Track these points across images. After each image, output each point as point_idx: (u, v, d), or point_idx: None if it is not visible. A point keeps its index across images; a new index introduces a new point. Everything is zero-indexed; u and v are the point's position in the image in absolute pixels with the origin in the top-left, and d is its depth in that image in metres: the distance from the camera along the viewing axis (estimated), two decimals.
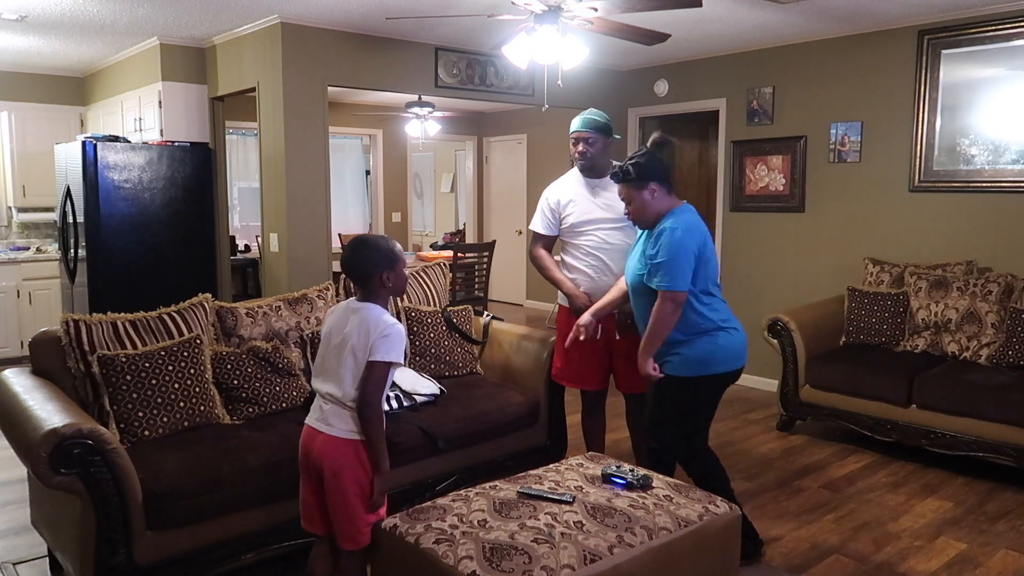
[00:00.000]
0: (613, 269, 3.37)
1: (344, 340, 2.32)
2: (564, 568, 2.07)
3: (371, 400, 2.29)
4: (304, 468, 2.43)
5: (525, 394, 3.69)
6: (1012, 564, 3.11)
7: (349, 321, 2.34)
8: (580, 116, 3.41)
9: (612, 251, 3.38)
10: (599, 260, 3.40)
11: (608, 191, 3.37)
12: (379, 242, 2.41)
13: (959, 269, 4.61)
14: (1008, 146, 4.58)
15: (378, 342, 2.28)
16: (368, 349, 2.28)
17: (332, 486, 2.33)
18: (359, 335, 2.30)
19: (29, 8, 4.61)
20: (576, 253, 3.47)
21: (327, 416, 2.35)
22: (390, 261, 2.38)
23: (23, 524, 3.26)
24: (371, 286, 2.38)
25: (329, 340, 2.39)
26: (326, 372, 2.38)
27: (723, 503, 2.53)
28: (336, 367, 2.33)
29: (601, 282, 3.39)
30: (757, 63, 5.73)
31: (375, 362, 2.28)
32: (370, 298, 2.38)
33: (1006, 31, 4.53)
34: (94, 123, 6.75)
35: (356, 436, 2.32)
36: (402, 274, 2.42)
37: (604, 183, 3.39)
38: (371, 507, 2.35)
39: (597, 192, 3.42)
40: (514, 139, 9.79)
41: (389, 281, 2.38)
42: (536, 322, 8.14)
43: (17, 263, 6.42)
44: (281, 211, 5.02)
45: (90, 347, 2.94)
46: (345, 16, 4.74)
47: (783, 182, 5.64)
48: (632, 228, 3.34)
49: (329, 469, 2.32)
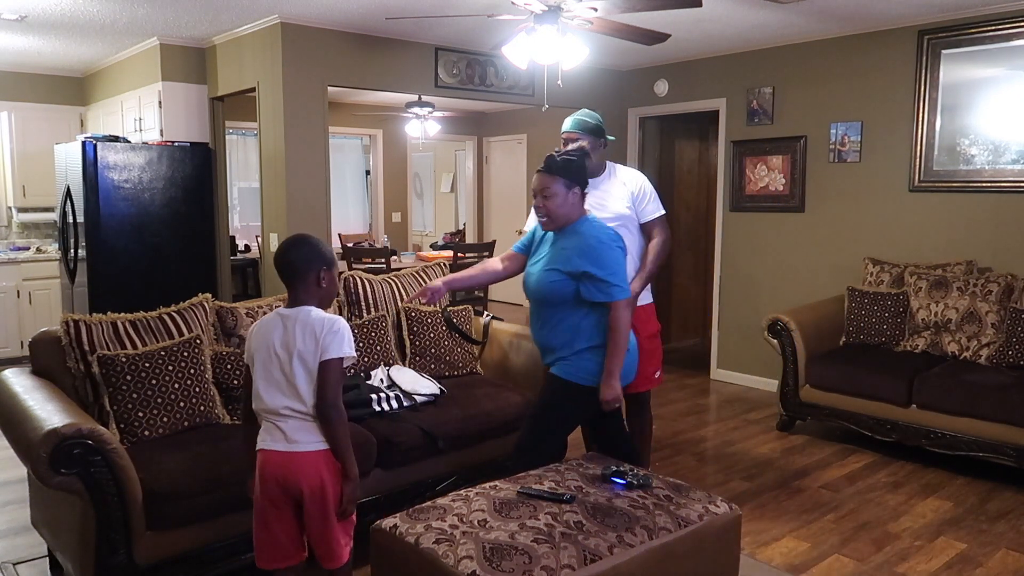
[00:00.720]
0: None
1: (287, 350, 2.20)
2: (564, 568, 2.07)
3: (332, 401, 2.19)
4: (273, 500, 2.25)
5: (525, 394, 3.69)
6: (1012, 564, 3.11)
7: (286, 329, 2.23)
8: (571, 117, 3.40)
9: None
10: None
11: (599, 191, 3.37)
12: (318, 241, 2.33)
13: (959, 269, 4.61)
14: (1008, 146, 4.58)
15: (327, 339, 2.19)
16: (318, 351, 2.19)
17: (315, 506, 2.22)
18: (304, 339, 2.20)
19: (29, 8, 4.61)
20: None
21: (291, 433, 2.21)
22: (327, 261, 2.28)
23: (23, 524, 3.26)
24: (305, 285, 2.26)
25: (269, 354, 2.23)
26: (274, 388, 2.22)
27: (723, 503, 2.53)
28: (288, 379, 2.20)
29: None
30: (757, 63, 5.73)
31: (328, 361, 2.19)
32: (302, 300, 2.26)
33: (1006, 31, 4.53)
34: (94, 123, 6.75)
35: (326, 445, 2.23)
36: (335, 279, 2.32)
37: (596, 183, 3.38)
38: (342, 515, 2.26)
39: (589, 192, 3.37)
40: (514, 139, 9.79)
41: (324, 282, 2.27)
42: None
43: (17, 263, 6.42)
44: (281, 211, 5.02)
45: (90, 347, 2.94)
46: (345, 16, 4.74)
47: (783, 182, 5.64)
48: (626, 227, 3.35)
49: (310, 488, 2.20)
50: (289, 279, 2.28)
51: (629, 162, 6.59)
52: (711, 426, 5.03)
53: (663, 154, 6.98)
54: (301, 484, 2.20)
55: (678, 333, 7.21)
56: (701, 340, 7.22)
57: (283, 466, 2.22)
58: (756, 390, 5.69)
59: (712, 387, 5.89)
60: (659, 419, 4.89)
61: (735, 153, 5.92)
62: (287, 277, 2.29)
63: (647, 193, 3.42)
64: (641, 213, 3.40)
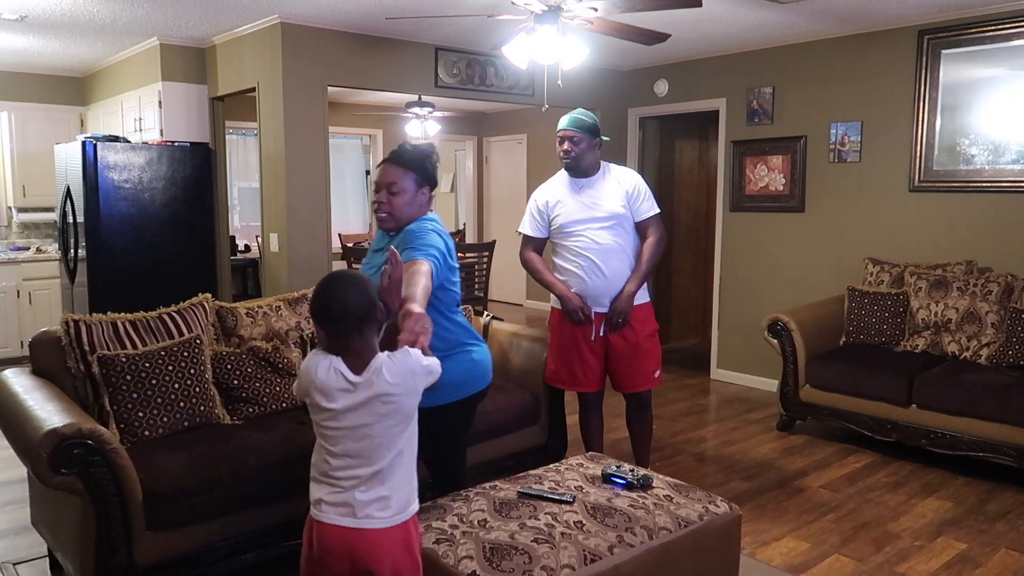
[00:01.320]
0: (603, 269, 3.36)
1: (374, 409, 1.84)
2: (564, 568, 2.07)
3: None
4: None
5: (525, 394, 3.69)
6: (1012, 564, 3.11)
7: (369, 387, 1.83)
8: (567, 115, 3.40)
9: (601, 251, 3.36)
10: (589, 260, 3.37)
11: (594, 190, 3.37)
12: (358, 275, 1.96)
13: (959, 269, 4.61)
14: (1008, 146, 4.58)
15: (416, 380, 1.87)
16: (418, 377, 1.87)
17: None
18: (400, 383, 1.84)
19: (29, 8, 4.61)
20: (566, 255, 3.45)
21: (368, 508, 1.85)
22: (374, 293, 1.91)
23: (23, 524, 3.26)
24: (371, 329, 1.87)
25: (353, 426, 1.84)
26: (360, 460, 1.85)
27: (723, 503, 2.53)
28: (374, 447, 1.85)
29: (593, 283, 3.38)
30: (757, 63, 5.73)
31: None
32: (368, 351, 1.86)
33: (1006, 31, 4.53)
34: (94, 123, 6.75)
35: (405, 516, 1.90)
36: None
37: (590, 182, 3.40)
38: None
39: (584, 192, 3.42)
40: (514, 139, 9.79)
41: (382, 315, 1.91)
42: (536, 322, 8.14)
43: (17, 263, 6.42)
44: (281, 211, 5.02)
45: (90, 347, 2.94)
46: (345, 16, 4.74)
47: (783, 182, 5.64)
48: (621, 226, 3.36)
49: (392, 570, 1.87)
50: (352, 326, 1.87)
51: (629, 162, 6.59)
52: (711, 426, 5.03)
53: (663, 154, 6.98)
54: (374, 569, 1.86)
55: (678, 333, 7.21)
56: (701, 340, 7.22)
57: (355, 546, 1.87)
58: (756, 390, 5.68)
59: (712, 387, 5.89)
60: (659, 419, 4.89)
61: (735, 153, 5.92)
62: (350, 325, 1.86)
63: (641, 192, 3.43)
64: (636, 212, 3.42)
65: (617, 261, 3.37)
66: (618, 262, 3.37)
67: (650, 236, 3.42)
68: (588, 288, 3.39)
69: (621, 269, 3.38)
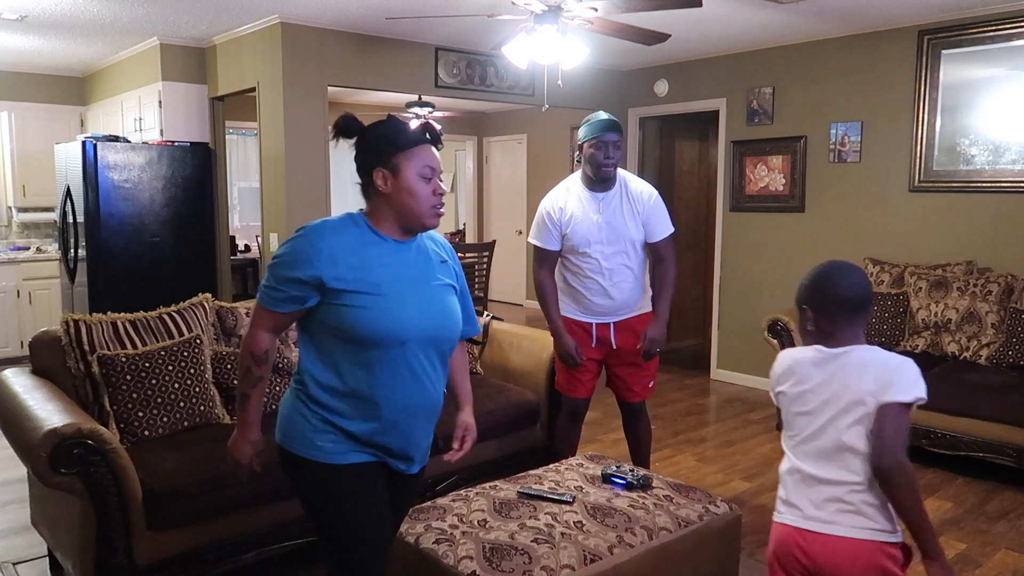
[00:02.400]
0: (611, 293, 3.21)
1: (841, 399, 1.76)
2: (564, 568, 2.07)
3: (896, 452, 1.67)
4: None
5: (525, 394, 3.69)
6: (1012, 564, 3.11)
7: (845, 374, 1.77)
8: (605, 119, 3.13)
9: (611, 274, 3.20)
10: (597, 284, 3.22)
11: (611, 209, 3.16)
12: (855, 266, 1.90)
13: (959, 269, 4.61)
14: (1008, 146, 4.58)
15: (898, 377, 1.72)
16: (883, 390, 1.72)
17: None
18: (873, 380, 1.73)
19: (29, 8, 4.61)
20: (575, 272, 3.26)
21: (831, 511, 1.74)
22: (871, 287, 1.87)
23: (23, 524, 3.26)
24: (863, 319, 1.83)
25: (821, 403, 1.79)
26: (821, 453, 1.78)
27: (723, 503, 2.53)
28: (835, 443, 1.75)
29: (598, 304, 3.24)
30: (757, 63, 5.73)
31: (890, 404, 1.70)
32: (851, 339, 1.80)
33: (1006, 31, 4.53)
34: (94, 123, 6.75)
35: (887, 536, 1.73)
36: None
37: (607, 199, 3.16)
38: None
39: (600, 211, 3.17)
40: (514, 139, 9.79)
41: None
42: (536, 322, 8.13)
43: (17, 263, 6.41)
44: (281, 211, 5.02)
45: (90, 347, 2.94)
46: (345, 16, 4.74)
47: (783, 182, 5.64)
48: (635, 250, 3.21)
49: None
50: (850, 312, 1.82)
51: (629, 162, 6.59)
52: (711, 426, 5.03)
53: (663, 154, 6.98)
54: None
55: (678, 333, 7.21)
56: (701, 340, 7.22)
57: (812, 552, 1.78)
58: (756, 390, 5.68)
59: (712, 387, 5.88)
60: (659, 419, 4.89)
61: (735, 153, 5.92)
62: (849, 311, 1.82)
63: (659, 212, 3.22)
64: (651, 233, 3.21)
65: (626, 284, 3.24)
66: (627, 285, 3.24)
67: (666, 258, 3.25)
68: (591, 308, 3.27)
69: (629, 291, 3.26)
